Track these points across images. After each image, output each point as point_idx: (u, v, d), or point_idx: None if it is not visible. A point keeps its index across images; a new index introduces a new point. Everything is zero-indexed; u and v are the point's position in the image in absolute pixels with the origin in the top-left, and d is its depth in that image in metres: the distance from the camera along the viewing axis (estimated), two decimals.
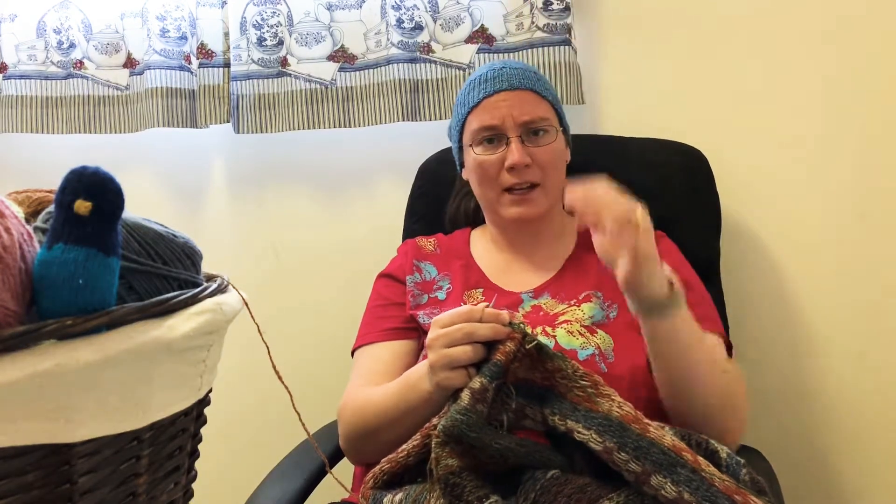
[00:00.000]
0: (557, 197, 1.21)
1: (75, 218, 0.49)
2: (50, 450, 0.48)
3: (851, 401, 1.40)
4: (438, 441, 0.80)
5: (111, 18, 1.63)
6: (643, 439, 0.79)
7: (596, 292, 1.12)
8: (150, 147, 1.70)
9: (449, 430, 0.80)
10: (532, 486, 0.80)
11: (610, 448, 0.79)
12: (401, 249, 1.28)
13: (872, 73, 1.34)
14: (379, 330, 1.17)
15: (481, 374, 0.84)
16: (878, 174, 1.35)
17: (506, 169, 1.13)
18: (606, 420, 0.81)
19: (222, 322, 0.57)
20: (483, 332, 0.86)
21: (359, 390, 1.10)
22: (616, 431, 0.80)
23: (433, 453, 0.80)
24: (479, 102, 1.15)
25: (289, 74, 1.55)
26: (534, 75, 1.18)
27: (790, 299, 1.41)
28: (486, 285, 1.17)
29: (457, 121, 1.20)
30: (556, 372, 0.84)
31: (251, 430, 1.66)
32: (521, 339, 0.85)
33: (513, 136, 1.12)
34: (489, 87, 1.15)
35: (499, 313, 0.88)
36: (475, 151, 1.16)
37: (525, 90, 1.14)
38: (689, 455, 0.79)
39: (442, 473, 0.79)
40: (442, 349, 0.88)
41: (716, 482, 0.78)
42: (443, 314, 0.91)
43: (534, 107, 1.14)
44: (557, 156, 1.16)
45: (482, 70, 1.19)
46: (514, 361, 0.85)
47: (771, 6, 1.38)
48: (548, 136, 1.14)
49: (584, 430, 0.80)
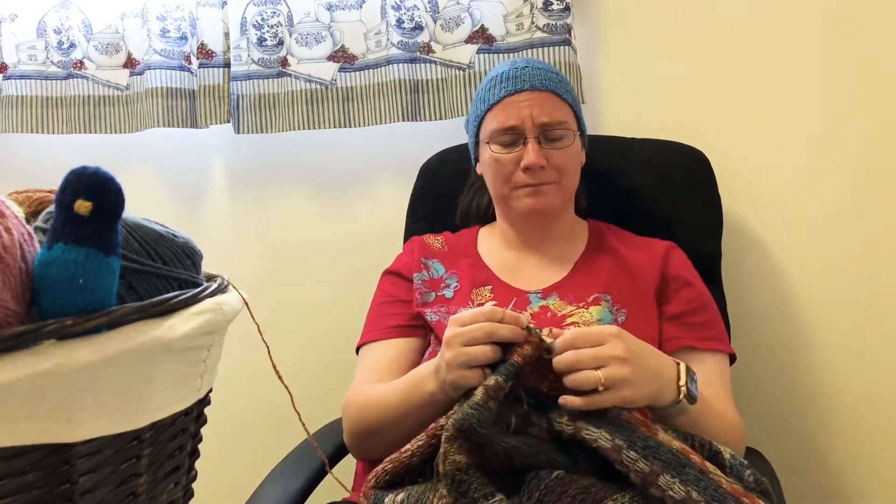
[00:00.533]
0: (571, 197, 1.21)
1: (75, 218, 0.49)
2: (50, 450, 0.48)
3: (851, 400, 1.40)
4: (448, 435, 0.81)
5: (111, 18, 1.63)
6: (652, 440, 0.80)
7: (605, 295, 1.12)
8: (150, 147, 1.70)
9: (460, 425, 0.80)
10: (536, 486, 0.80)
11: (619, 446, 0.79)
12: (407, 247, 1.27)
13: (872, 73, 1.34)
14: (384, 327, 1.16)
15: (497, 373, 0.84)
16: (878, 174, 1.35)
17: (521, 169, 1.13)
18: (616, 420, 0.82)
19: (222, 322, 0.57)
20: (504, 332, 0.87)
21: (363, 387, 1.10)
22: (625, 431, 0.81)
23: (442, 447, 0.81)
24: (500, 100, 1.15)
25: (289, 74, 1.55)
26: (556, 77, 1.17)
27: (790, 299, 1.41)
28: (494, 283, 1.17)
29: (475, 116, 1.20)
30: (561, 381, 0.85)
31: (251, 430, 1.66)
32: (539, 343, 0.86)
33: (530, 136, 1.12)
34: (511, 85, 1.15)
35: (518, 316, 0.88)
36: (492, 148, 1.15)
37: (546, 92, 1.14)
38: (696, 457, 0.80)
39: (449, 469, 0.79)
40: (461, 347, 0.88)
41: (723, 484, 0.78)
42: (463, 313, 0.91)
43: (554, 109, 1.14)
44: (573, 158, 1.16)
45: (504, 67, 1.18)
46: (528, 366, 0.85)
47: (771, 6, 1.38)
48: (565, 140, 1.14)
49: (594, 430, 0.81)
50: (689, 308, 1.12)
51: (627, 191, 1.32)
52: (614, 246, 1.19)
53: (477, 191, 1.29)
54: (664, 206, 1.30)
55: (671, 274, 1.14)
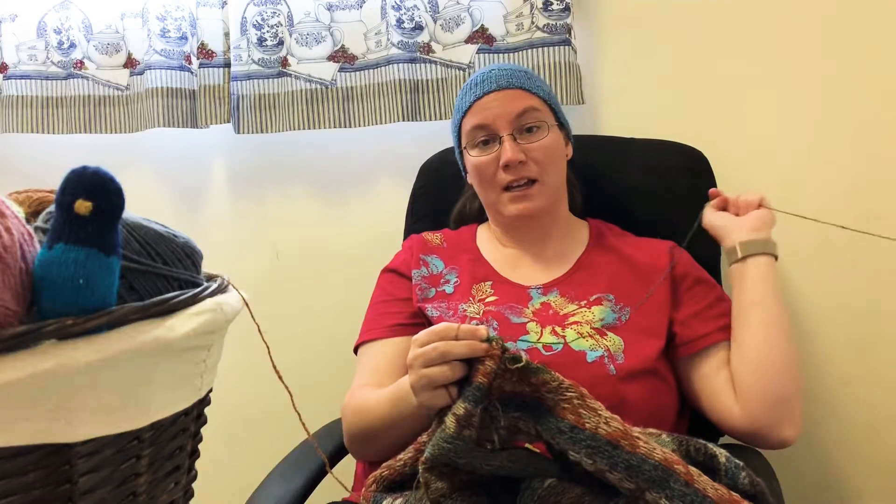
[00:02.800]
0: (559, 193, 1.21)
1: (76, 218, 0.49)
2: (50, 450, 0.48)
3: (851, 400, 1.40)
4: (426, 467, 0.79)
5: (111, 18, 1.63)
6: (634, 456, 0.78)
7: (608, 295, 1.12)
8: (150, 147, 1.70)
9: (437, 459, 0.78)
10: (530, 497, 0.80)
11: (602, 469, 0.78)
12: (405, 244, 1.28)
13: (872, 73, 1.34)
14: (383, 326, 1.16)
15: (464, 399, 0.81)
16: (877, 174, 1.35)
17: (501, 167, 1.13)
18: (594, 440, 0.79)
19: (222, 322, 0.57)
20: (458, 350, 0.84)
21: (359, 391, 1.10)
22: (605, 452, 0.78)
23: (421, 478, 0.79)
24: (471, 106, 1.17)
25: (289, 74, 1.55)
26: (523, 74, 1.18)
27: (789, 298, 1.41)
28: (494, 279, 1.17)
29: (454, 126, 1.22)
30: (541, 385, 0.82)
31: (251, 430, 1.66)
32: (501, 354, 0.82)
33: (504, 133, 1.13)
34: (479, 89, 1.17)
35: (475, 329, 0.85)
36: (471, 153, 1.17)
37: (514, 89, 1.16)
38: (680, 468, 0.79)
39: (433, 496, 0.79)
40: (420, 369, 0.86)
41: (709, 492, 0.78)
42: (420, 333, 0.89)
43: (521, 102, 1.15)
44: (553, 151, 1.16)
45: (474, 75, 1.21)
46: (497, 378, 0.82)
47: (771, 7, 1.38)
48: (541, 132, 1.15)
49: (574, 454, 0.79)
50: (707, 303, 1.13)
51: (627, 191, 1.32)
52: (616, 245, 1.19)
53: (470, 196, 1.30)
54: (664, 206, 1.30)
55: (680, 274, 1.14)
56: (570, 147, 1.23)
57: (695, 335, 1.09)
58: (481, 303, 1.12)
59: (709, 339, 1.09)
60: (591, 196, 1.30)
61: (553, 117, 1.18)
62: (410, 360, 0.89)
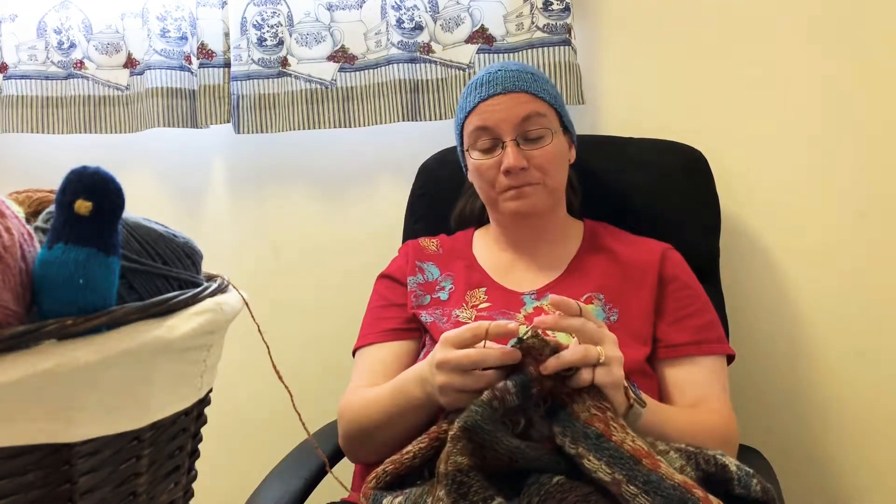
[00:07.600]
0: (559, 196, 1.21)
1: (76, 218, 0.49)
2: (50, 450, 0.48)
3: (851, 400, 1.40)
4: (454, 434, 0.80)
5: (111, 18, 1.63)
6: (653, 474, 0.79)
7: (598, 294, 1.12)
8: (150, 147, 1.70)
9: (464, 422, 0.80)
10: (536, 491, 0.80)
11: (619, 480, 0.78)
12: (401, 250, 1.28)
13: (872, 73, 1.34)
14: (379, 331, 1.17)
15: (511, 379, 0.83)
16: (877, 174, 1.35)
17: (502, 172, 1.13)
18: (617, 452, 0.80)
19: (222, 322, 0.57)
20: (492, 361, 0.85)
21: (356, 391, 1.10)
22: (626, 464, 0.79)
23: (446, 446, 0.80)
24: (476, 106, 1.15)
25: (289, 74, 1.55)
26: (530, 76, 1.16)
27: (789, 299, 1.41)
28: (488, 285, 1.17)
29: (457, 124, 1.21)
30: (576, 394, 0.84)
31: (251, 429, 1.66)
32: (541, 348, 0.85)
33: (508, 139, 1.12)
34: (484, 91, 1.15)
35: (506, 325, 0.86)
36: (473, 156, 1.16)
37: (520, 93, 1.14)
38: (699, 493, 0.78)
39: (450, 469, 0.79)
40: (450, 373, 0.87)
41: None
42: (451, 331, 0.90)
43: (527, 107, 1.13)
44: (556, 157, 1.15)
45: (480, 74, 1.19)
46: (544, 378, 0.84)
47: (771, 7, 1.38)
48: (545, 139, 1.13)
49: (595, 460, 0.80)
50: (688, 311, 1.11)
51: (626, 191, 1.32)
52: (609, 245, 1.19)
53: (470, 196, 1.30)
54: (663, 206, 1.30)
55: (668, 275, 1.14)
56: (574, 151, 1.22)
57: (666, 342, 1.09)
58: (474, 308, 1.13)
59: (680, 350, 1.09)
60: (590, 195, 1.30)
61: (558, 121, 1.16)
62: (440, 361, 0.89)
